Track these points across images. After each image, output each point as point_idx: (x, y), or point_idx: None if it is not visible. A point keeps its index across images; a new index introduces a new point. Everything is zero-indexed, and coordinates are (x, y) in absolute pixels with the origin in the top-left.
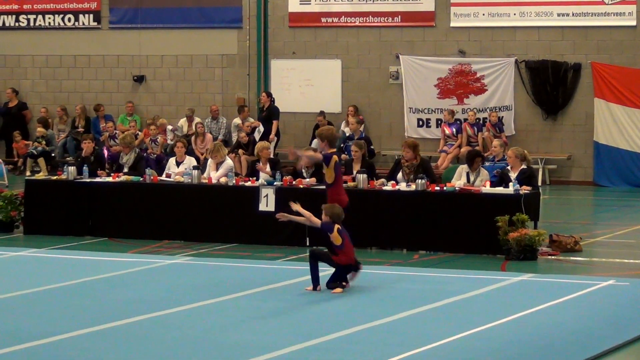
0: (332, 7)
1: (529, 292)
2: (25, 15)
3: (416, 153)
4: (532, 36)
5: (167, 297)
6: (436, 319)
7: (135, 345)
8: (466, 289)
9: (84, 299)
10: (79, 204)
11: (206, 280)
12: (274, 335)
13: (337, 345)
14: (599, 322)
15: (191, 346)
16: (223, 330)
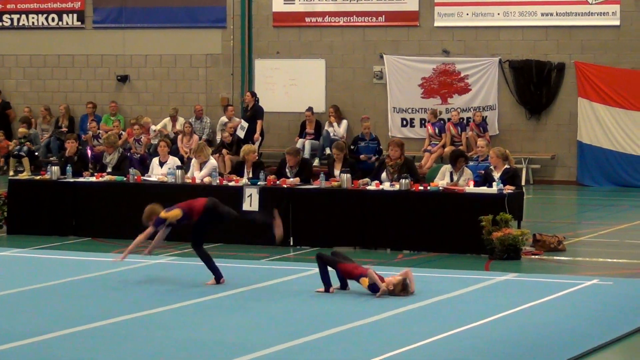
0: (316, 7)
1: (513, 291)
2: (9, 14)
3: (402, 152)
4: (516, 36)
5: (152, 296)
6: (421, 318)
7: (119, 345)
8: (450, 289)
9: (68, 299)
10: (63, 204)
11: (191, 280)
12: (259, 335)
13: (322, 344)
14: (583, 321)
15: (176, 346)
16: (208, 329)
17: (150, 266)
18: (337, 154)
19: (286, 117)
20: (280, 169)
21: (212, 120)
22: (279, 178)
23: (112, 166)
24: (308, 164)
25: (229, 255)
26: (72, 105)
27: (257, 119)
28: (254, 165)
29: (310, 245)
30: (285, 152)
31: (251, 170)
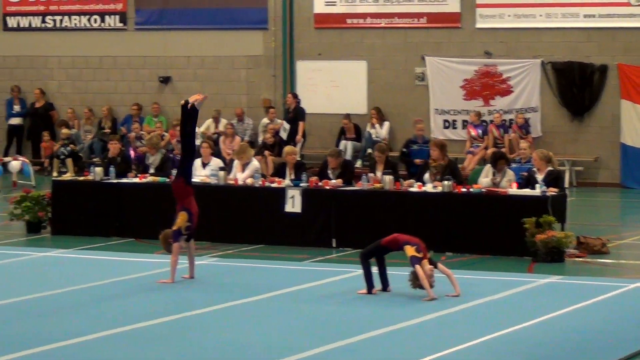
0: (357, 9)
1: (557, 294)
2: (52, 16)
3: (444, 153)
4: (558, 37)
5: (194, 298)
6: (464, 321)
7: (162, 346)
8: (493, 291)
9: (111, 300)
10: (106, 205)
11: (233, 282)
12: (301, 337)
13: (364, 347)
14: (627, 325)
15: (217, 348)
16: (249, 331)
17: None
18: (379, 156)
19: (328, 118)
20: (322, 171)
21: (254, 122)
22: (321, 180)
23: (155, 167)
24: (350, 166)
25: (271, 256)
26: (115, 106)
27: (299, 121)
28: (296, 166)
29: (353, 247)
30: (327, 153)
31: (293, 171)
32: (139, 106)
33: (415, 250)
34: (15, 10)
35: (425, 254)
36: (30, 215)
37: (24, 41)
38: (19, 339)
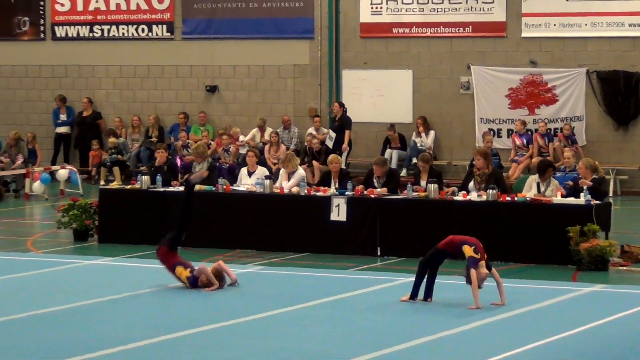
0: (403, 18)
1: (601, 302)
2: (99, 25)
3: (488, 162)
4: (604, 46)
5: (239, 306)
6: (508, 329)
7: (206, 353)
8: (538, 299)
9: (157, 307)
10: (153, 213)
11: (278, 290)
12: (345, 345)
13: (407, 355)
14: None
15: (262, 354)
16: (294, 339)
17: (238, 275)
18: (423, 166)
19: (373, 127)
20: (367, 179)
21: (300, 131)
22: (366, 188)
23: None
24: (395, 175)
25: (316, 265)
26: (162, 115)
27: (345, 129)
28: (340, 175)
29: (397, 256)
30: (372, 162)
31: (338, 180)
32: (186, 115)
33: (474, 250)
34: (64, 20)
35: (483, 255)
36: (78, 223)
37: (72, 51)
38: (64, 346)
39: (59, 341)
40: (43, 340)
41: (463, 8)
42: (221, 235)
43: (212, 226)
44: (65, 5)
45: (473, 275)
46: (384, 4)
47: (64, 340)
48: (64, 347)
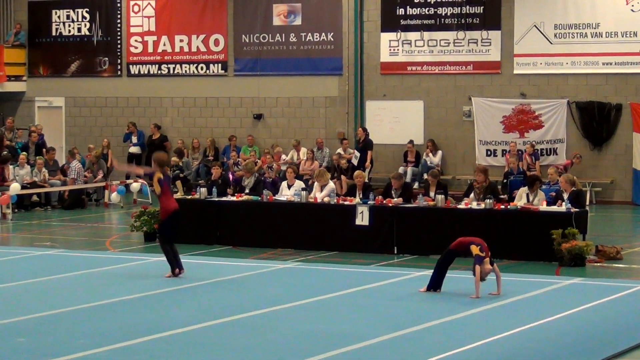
0: (416, 58)
1: (579, 293)
2: (166, 64)
3: (486, 177)
4: (581, 81)
5: (281, 295)
6: (502, 314)
7: (255, 333)
8: (527, 290)
9: (213, 296)
10: (209, 219)
11: (312, 281)
12: (368, 327)
13: (421, 335)
14: (637, 317)
15: (301, 335)
16: (327, 322)
17: (280, 270)
18: (432, 180)
19: (391, 148)
20: (386, 191)
21: (330, 151)
22: (385, 198)
23: (249, 188)
24: (409, 187)
25: (343, 261)
26: (217, 138)
27: (368, 150)
28: (364, 187)
29: (411, 254)
30: (390, 176)
31: (362, 191)
32: (236, 138)
33: (479, 249)
34: (137, 60)
35: (487, 253)
36: (147, 227)
37: (143, 85)
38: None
39: (132, 323)
40: (120, 322)
41: (465, 50)
42: (266, 236)
43: (258, 229)
44: (138, 48)
45: (477, 270)
46: (400, 46)
47: (137, 322)
48: (139, 328)
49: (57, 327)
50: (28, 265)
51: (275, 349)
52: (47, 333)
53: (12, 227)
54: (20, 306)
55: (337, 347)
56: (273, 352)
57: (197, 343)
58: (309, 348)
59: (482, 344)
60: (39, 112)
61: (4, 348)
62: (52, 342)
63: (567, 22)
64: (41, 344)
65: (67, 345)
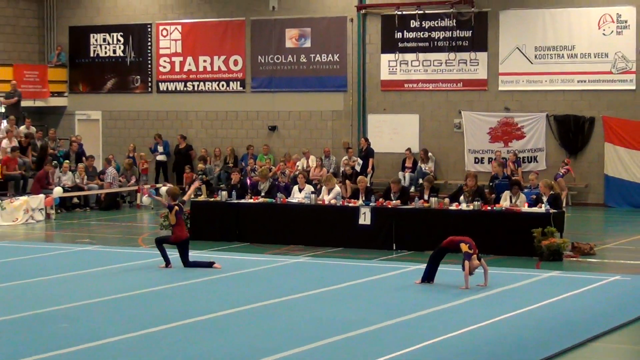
0: (412, 76)
1: (557, 284)
2: (191, 82)
3: (475, 181)
4: (559, 97)
5: (293, 286)
6: (489, 303)
7: (270, 320)
8: (511, 282)
9: (233, 287)
10: (229, 219)
11: (321, 274)
12: (371, 314)
13: (417, 322)
14: (608, 306)
15: (311, 321)
16: (334, 310)
17: (292, 264)
18: (427, 185)
19: (390, 156)
20: (386, 194)
21: (337, 159)
22: (385, 200)
23: (265, 192)
24: (406, 191)
25: (348, 256)
26: (236, 147)
27: (370, 158)
28: (366, 191)
29: (408, 250)
30: (390, 181)
31: (364, 194)
32: (253, 147)
33: (468, 247)
34: (165, 78)
35: (475, 251)
36: None
37: (171, 100)
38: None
39: (162, 311)
40: (151, 310)
41: (456, 69)
42: (279, 234)
43: (272, 228)
44: (166, 67)
45: (466, 265)
46: (398, 66)
47: (166, 310)
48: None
49: (96, 314)
50: (70, 259)
51: (289, 333)
52: (87, 319)
53: (56, 226)
54: (63, 295)
55: (343, 332)
56: (287, 337)
57: (219, 329)
58: (319, 333)
59: (472, 329)
60: (78, 124)
61: (50, 332)
62: (91, 328)
63: (546, 45)
64: (81, 329)
65: (104, 330)
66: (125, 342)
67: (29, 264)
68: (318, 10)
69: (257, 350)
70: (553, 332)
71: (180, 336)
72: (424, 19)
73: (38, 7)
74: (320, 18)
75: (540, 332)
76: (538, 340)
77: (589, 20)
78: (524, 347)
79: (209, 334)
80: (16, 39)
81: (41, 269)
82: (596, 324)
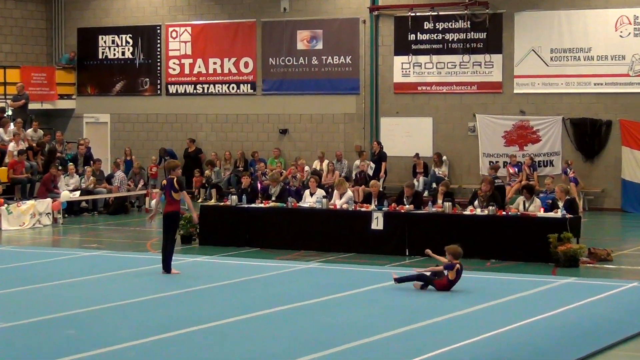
0: (426, 78)
1: (573, 291)
2: (201, 84)
3: (491, 187)
4: (575, 100)
5: (304, 292)
6: (505, 310)
7: (279, 327)
8: (526, 289)
9: (243, 292)
10: (239, 223)
11: (332, 280)
12: (383, 320)
13: (428, 329)
14: (625, 313)
15: (323, 328)
16: (348, 315)
17: (303, 270)
18: (442, 189)
19: (403, 160)
20: (399, 199)
21: (349, 162)
22: (398, 205)
23: (276, 196)
24: (420, 195)
25: (360, 262)
26: (246, 150)
27: (382, 162)
28: (379, 195)
29: (421, 255)
30: (404, 185)
31: (377, 199)
32: (258, 153)
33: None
34: (174, 80)
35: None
36: (184, 230)
37: (181, 103)
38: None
39: (171, 317)
40: (159, 316)
41: (470, 71)
42: (290, 239)
43: (283, 233)
44: (176, 70)
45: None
46: (412, 68)
47: (175, 315)
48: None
49: (103, 320)
50: (77, 264)
51: (299, 341)
52: (94, 325)
53: (63, 230)
54: (70, 301)
55: (355, 339)
56: (297, 344)
57: (229, 335)
58: (330, 340)
59: (486, 337)
60: (86, 127)
61: (57, 338)
62: (98, 334)
63: (562, 47)
64: (89, 336)
65: (112, 337)
66: (133, 349)
67: (36, 269)
68: (330, 12)
69: (267, 357)
70: (569, 340)
71: (188, 343)
72: (438, 21)
73: (46, 9)
74: (332, 19)
75: (556, 340)
76: (554, 349)
77: (606, 22)
78: (540, 355)
79: (218, 341)
80: (24, 41)
81: (48, 274)
82: (614, 331)
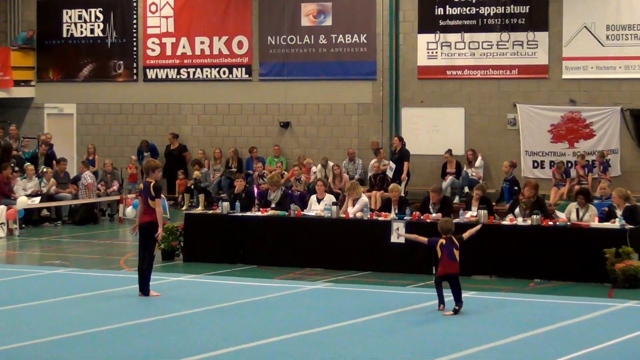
0: (456, 61)
1: (634, 317)
2: (186, 68)
3: (536, 192)
4: (636, 87)
5: (309, 319)
6: (551, 341)
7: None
8: (577, 314)
9: (236, 320)
10: (232, 235)
11: (344, 304)
12: (405, 353)
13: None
14: None
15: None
16: (361, 348)
17: (308, 291)
18: (477, 194)
19: (429, 159)
20: (424, 206)
21: (364, 162)
22: (422, 213)
23: (276, 202)
24: (449, 201)
25: (378, 282)
26: (240, 147)
27: (404, 161)
28: (400, 201)
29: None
30: (430, 189)
31: (397, 206)
32: (257, 149)
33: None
34: (154, 64)
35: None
36: (165, 244)
37: (161, 91)
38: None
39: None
40: (137, 348)
41: (510, 52)
42: (293, 255)
43: (285, 247)
44: (155, 51)
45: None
46: (439, 49)
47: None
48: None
49: (65, 354)
50: (36, 285)
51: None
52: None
53: (19, 244)
54: (24, 330)
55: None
56: None
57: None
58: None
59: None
60: (48, 119)
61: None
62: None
63: (620, 23)
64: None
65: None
66: None
67: None
68: None
69: None
70: None
71: None
72: None
73: None
74: None
75: None
76: None
77: None
78: None
79: None
80: None
81: (0, 297)
82: None
